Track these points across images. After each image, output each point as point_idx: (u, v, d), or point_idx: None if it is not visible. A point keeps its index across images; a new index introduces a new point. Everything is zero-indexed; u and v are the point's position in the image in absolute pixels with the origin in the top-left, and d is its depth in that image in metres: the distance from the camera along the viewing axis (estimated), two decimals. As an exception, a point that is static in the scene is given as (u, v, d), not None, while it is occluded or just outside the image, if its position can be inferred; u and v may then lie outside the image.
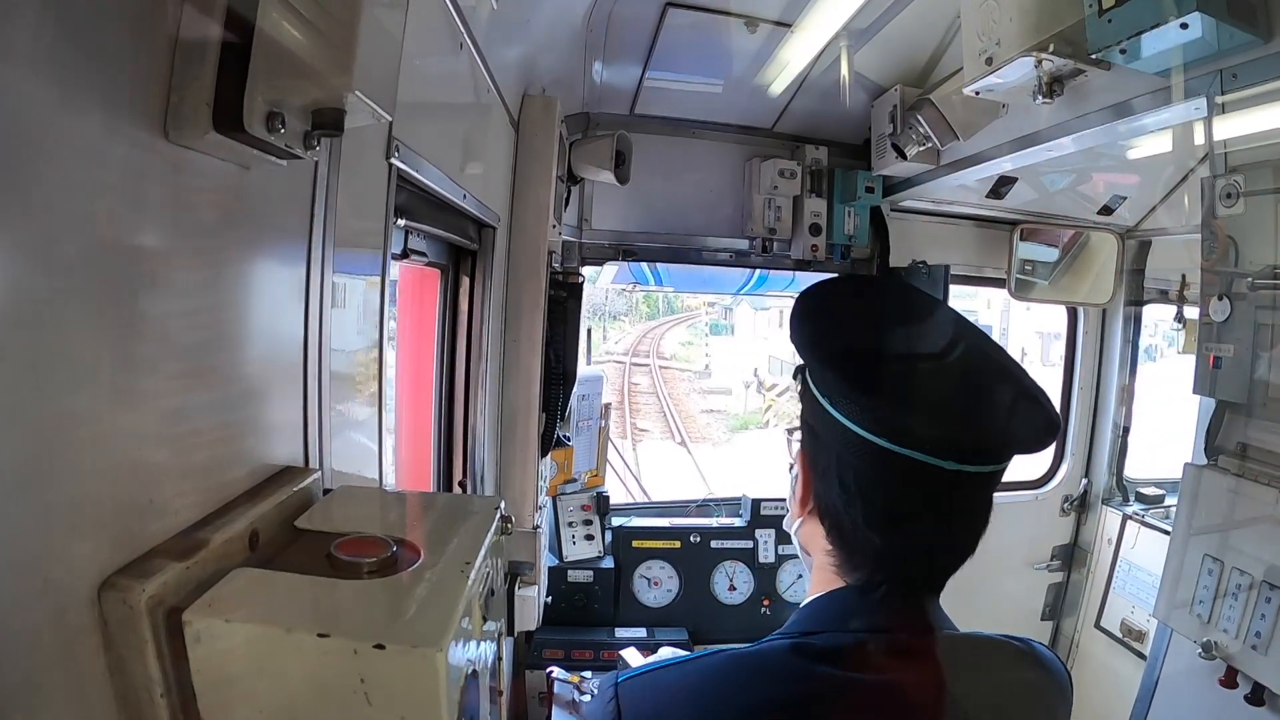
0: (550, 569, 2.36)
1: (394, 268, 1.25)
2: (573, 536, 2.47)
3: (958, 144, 2.05)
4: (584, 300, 2.19)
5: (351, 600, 0.54)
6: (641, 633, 2.37)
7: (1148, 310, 2.77)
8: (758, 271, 2.82)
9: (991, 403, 0.65)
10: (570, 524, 2.48)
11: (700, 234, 2.57)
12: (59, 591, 0.43)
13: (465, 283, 1.66)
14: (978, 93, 1.58)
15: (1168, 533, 2.18)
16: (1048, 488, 2.82)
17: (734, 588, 2.54)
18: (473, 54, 1.34)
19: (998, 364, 0.69)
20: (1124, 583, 2.59)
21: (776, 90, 2.25)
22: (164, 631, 0.48)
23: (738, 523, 2.64)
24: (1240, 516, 1.28)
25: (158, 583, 0.47)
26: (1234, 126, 1.27)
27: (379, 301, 0.94)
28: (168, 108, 0.50)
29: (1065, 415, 2.81)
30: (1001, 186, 2.44)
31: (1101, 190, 2.51)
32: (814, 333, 0.70)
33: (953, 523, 0.66)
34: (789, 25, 1.91)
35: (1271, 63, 1.18)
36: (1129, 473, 2.77)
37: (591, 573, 2.44)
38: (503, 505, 0.73)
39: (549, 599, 2.29)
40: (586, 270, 2.51)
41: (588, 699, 1.88)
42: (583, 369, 2.30)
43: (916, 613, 0.68)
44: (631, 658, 1.94)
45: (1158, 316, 2.83)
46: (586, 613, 2.42)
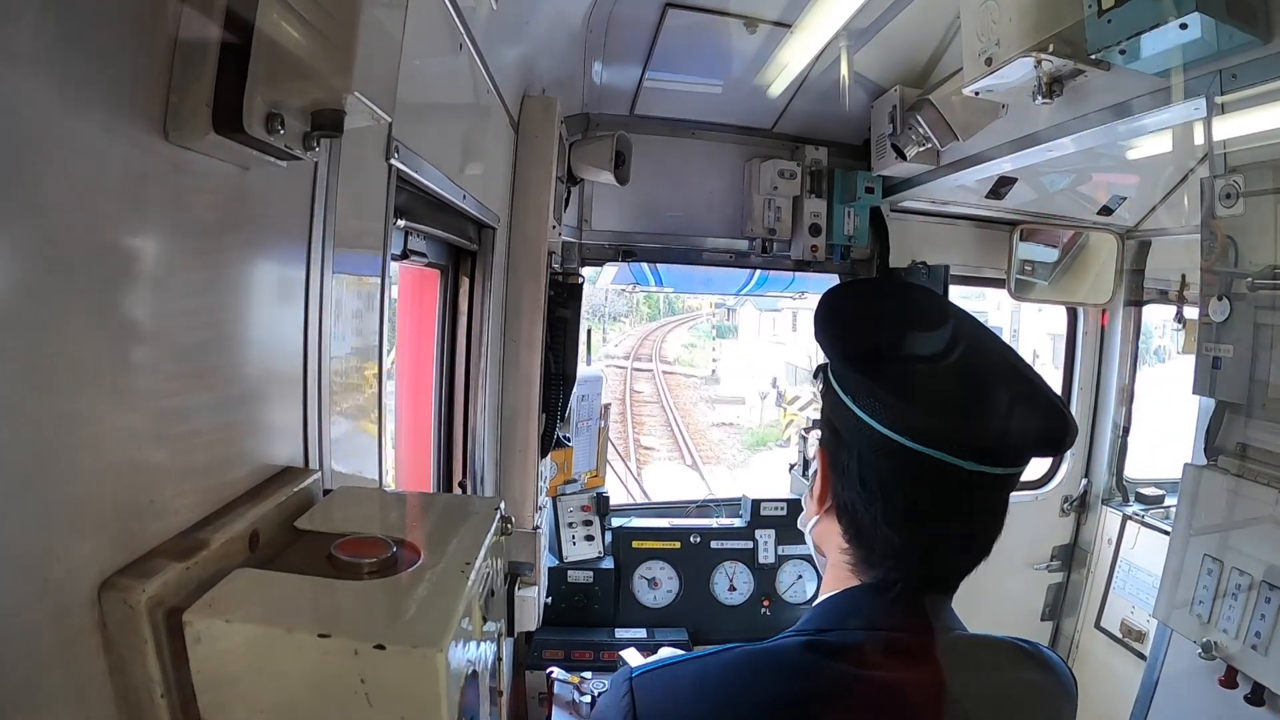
0: (550, 569, 2.35)
1: (394, 268, 1.25)
2: (573, 537, 2.47)
3: (957, 144, 2.05)
4: (584, 301, 2.19)
5: (352, 601, 0.54)
6: (641, 633, 2.37)
7: (1153, 311, 2.77)
8: (758, 272, 2.82)
9: (1012, 406, 0.66)
10: (570, 524, 2.48)
11: (700, 234, 2.57)
12: (59, 592, 0.43)
13: (465, 283, 1.66)
14: (977, 93, 1.59)
15: (1168, 533, 2.17)
16: (1048, 488, 2.81)
17: (734, 588, 2.54)
18: (472, 54, 1.34)
19: (1018, 370, 0.71)
20: (1124, 583, 2.59)
21: (776, 91, 2.25)
22: (164, 632, 0.48)
23: (738, 523, 2.63)
24: (1240, 517, 1.28)
25: (158, 583, 0.47)
26: (1233, 127, 1.27)
27: (379, 302, 0.94)
28: (167, 108, 0.50)
29: (1065, 415, 2.81)
30: (1001, 187, 2.44)
31: (1101, 190, 2.51)
32: (840, 332, 0.71)
33: (971, 523, 0.67)
34: (789, 26, 1.91)
35: (1271, 63, 1.19)
36: (1129, 473, 2.77)
37: (591, 573, 2.44)
38: (503, 506, 0.74)
39: (549, 599, 2.29)
40: (586, 271, 2.51)
41: (588, 699, 1.88)
42: (582, 369, 2.30)
43: (930, 613, 0.69)
44: (631, 658, 1.93)
45: (1160, 317, 2.83)
46: (586, 613, 2.42)
